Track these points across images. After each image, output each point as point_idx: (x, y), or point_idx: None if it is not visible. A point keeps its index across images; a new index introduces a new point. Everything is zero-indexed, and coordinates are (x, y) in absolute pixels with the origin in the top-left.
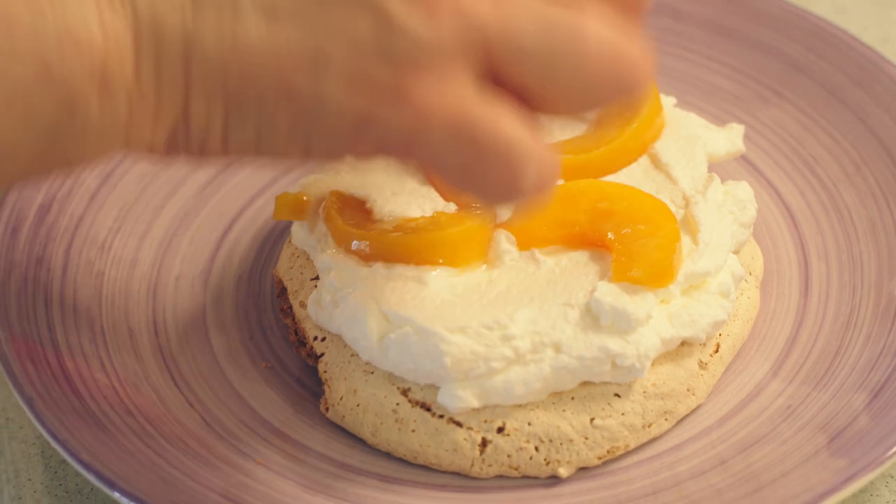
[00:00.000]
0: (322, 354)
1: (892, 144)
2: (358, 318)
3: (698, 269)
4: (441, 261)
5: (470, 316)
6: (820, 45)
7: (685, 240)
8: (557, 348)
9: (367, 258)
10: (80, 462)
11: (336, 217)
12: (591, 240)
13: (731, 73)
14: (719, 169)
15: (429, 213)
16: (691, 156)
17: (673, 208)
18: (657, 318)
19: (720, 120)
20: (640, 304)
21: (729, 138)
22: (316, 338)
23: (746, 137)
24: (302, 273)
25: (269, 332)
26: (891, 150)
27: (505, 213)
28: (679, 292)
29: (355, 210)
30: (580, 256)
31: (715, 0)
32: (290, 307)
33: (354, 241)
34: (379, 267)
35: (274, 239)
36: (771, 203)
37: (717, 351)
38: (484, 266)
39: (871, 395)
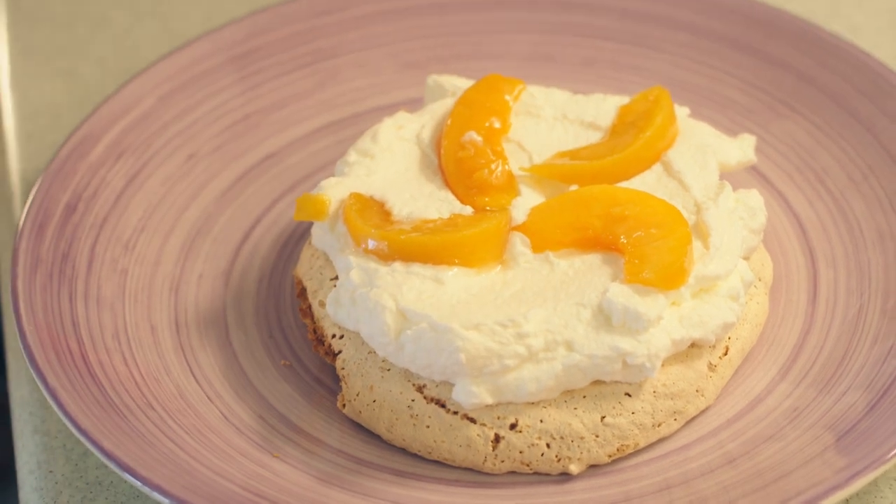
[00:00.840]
0: (340, 352)
1: None
2: (375, 314)
3: (709, 272)
4: (457, 261)
5: (485, 314)
6: (831, 59)
7: (696, 244)
8: (570, 347)
9: (385, 257)
10: (101, 450)
11: (355, 217)
12: (604, 243)
13: (744, 87)
14: (731, 178)
15: (446, 216)
16: (703, 164)
17: (685, 214)
18: (668, 319)
19: (733, 132)
20: (651, 304)
21: (741, 148)
22: (334, 336)
23: (758, 149)
24: (321, 273)
25: (289, 332)
26: None
27: (520, 216)
28: (690, 295)
29: (374, 211)
30: (593, 259)
31: (730, 16)
32: (310, 306)
33: (373, 241)
34: (397, 266)
35: (295, 241)
36: (781, 212)
37: (726, 353)
38: (499, 267)
39: (877, 397)
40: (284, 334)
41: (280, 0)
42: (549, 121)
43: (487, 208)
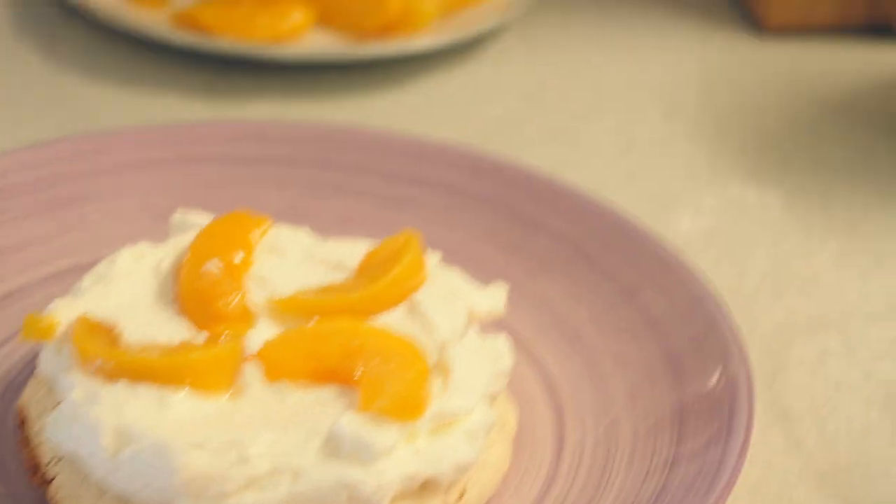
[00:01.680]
0: (54, 478)
1: (657, 315)
2: (94, 432)
3: (447, 408)
4: (186, 384)
5: (209, 436)
6: (584, 219)
7: (437, 381)
8: (295, 474)
9: (111, 376)
10: None
11: (83, 338)
12: (341, 375)
13: (499, 245)
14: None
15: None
16: (451, 306)
17: (428, 352)
18: (401, 452)
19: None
20: (383, 434)
21: (491, 297)
22: (50, 461)
23: (510, 306)
24: (45, 401)
25: (6, 463)
26: (654, 319)
27: (257, 345)
28: (426, 431)
29: (104, 333)
30: (329, 390)
31: (484, 176)
32: (29, 436)
33: (100, 360)
34: (122, 385)
35: (25, 377)
36: (530, 367)
37: (461, 497)
38: (230, 393)
39: None
40: (2, 465)
41: (28, 144)
42: (296, 259)
43: (222, 336)
